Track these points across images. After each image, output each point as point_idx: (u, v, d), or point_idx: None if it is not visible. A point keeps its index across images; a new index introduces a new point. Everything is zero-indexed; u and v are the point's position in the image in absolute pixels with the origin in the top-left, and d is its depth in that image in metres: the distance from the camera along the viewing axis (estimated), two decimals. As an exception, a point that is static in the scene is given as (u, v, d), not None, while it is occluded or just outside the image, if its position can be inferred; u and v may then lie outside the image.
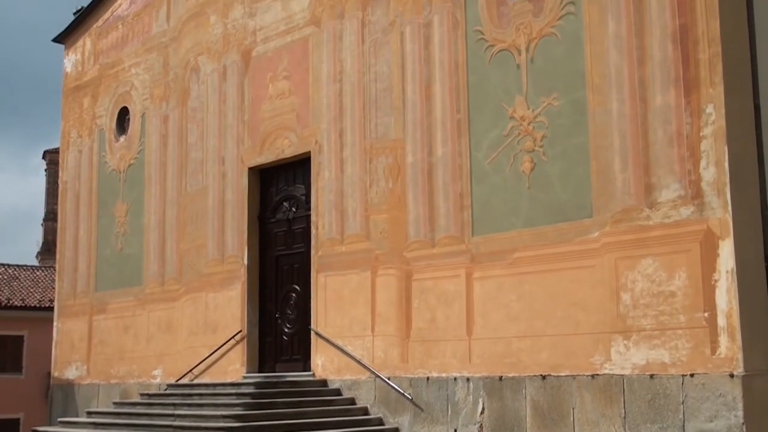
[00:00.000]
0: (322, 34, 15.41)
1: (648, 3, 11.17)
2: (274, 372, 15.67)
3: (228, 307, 16.45)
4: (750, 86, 10.83)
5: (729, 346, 10.02)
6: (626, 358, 10.85)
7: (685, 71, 10.72)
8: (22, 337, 34.93)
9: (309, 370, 14.89)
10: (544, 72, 12.14)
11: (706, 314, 10.25)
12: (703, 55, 10.59)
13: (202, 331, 16.95)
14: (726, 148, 10.29)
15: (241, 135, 16.77)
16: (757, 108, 10.80)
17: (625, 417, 10.77)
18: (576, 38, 11.85)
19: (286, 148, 15.89)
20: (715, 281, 10.22)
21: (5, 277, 37.24)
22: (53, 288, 23.88)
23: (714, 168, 10.36)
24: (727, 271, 10.13)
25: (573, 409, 11.30)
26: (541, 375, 11.68)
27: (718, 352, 10.10)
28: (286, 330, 15.78)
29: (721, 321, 10.10)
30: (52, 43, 22.36)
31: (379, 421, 13.52)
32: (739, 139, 10.51)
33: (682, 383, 10.31)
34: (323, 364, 14.60)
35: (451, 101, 13.25)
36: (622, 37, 11.36)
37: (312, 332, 14.87)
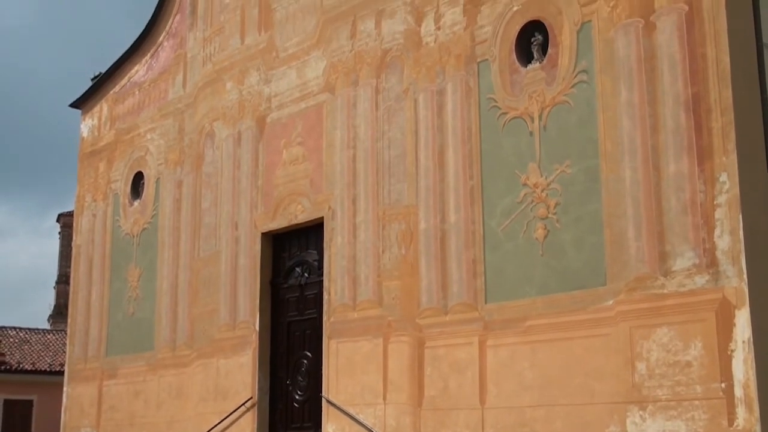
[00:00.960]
0: (337, 101, 15.54)
1: (660, 72, 11.24)
2: (285, 440, 15.49)
3: (239, 373, 16.33)
4: (764, 154, 10.82)
5: (746, 418, 9.86)
6: (642, 429, 10.67)
7: (698, 139, 10.74)
8: (31, 401, 34.71)
9: (320, 438, 14.72)
10: (557, 139, 12.18)
11: (722, 385, 10.10)
12: (716, 123, 10.61)
13: (212, 398, 16.80)
14: (740, 217, 10.25)
15: (255, 200, 16.83)
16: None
17: (641, 490, 10.56)
18: (589, 106, 11.91)
19: (299, 214, 15.92)
20: (732, 351, 10.09)
21: (16, 340, 37.16)
22: (64, 352, 23.78)
23: (728, 236, 10.30)
24: (743, 341, 10.01)
25: (588, 481, 11.09)
26: (555, 445, 11.48)
27: (735, 424, 9.94)
28: (297, 397, 15.63)
29: (738, 392, 9.96)
30: (69, 108, 22.62)
31: (391, 492, 13.32)
32: (754, 208, 10.47)
33: (700, 455, 10.12)
34: (334, 432, 14.44)
35: (464, 168, 13.28)
36: (635, 105, 11.40)
37: (323, 400, 14.73)
